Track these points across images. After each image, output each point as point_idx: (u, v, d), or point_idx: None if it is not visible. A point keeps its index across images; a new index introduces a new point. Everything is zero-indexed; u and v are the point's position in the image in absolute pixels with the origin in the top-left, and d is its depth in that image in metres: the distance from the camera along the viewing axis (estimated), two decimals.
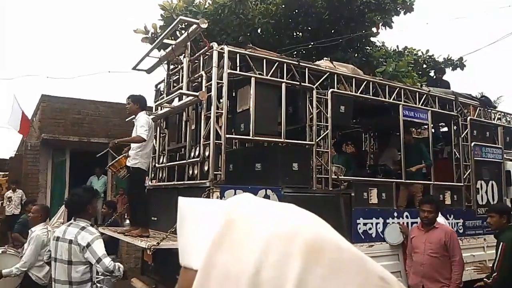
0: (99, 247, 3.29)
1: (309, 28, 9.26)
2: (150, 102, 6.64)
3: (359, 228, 5.45)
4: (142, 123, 4.87)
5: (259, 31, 8.68)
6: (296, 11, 8.88)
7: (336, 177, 5.49)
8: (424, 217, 4.27)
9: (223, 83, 4.73)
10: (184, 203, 0.53)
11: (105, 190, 10.97)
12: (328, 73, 5.63)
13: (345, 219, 5.26)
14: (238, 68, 4.91)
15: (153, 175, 6.35)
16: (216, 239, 0.44)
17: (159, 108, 6.04)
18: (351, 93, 5.77)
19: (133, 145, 4.99)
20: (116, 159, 5.26)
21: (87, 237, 3.27)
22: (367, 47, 9.74)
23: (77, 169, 10.89)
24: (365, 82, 5.94)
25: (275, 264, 0.41)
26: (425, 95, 6.65)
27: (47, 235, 4.41)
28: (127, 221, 6.35)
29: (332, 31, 9.14)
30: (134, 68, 6.31)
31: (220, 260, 0.43)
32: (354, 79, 5.87)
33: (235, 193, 4.43)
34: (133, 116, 5.22)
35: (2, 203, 10.38)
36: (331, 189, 5.38)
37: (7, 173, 11.37)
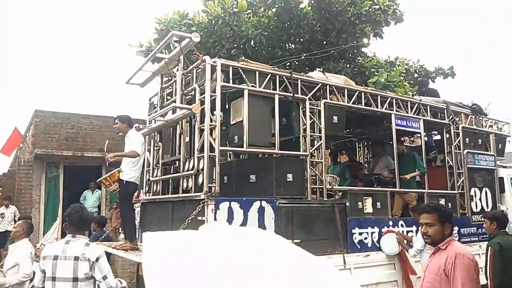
0: (106, 264, 3.29)
1: (301, 39, 9.35)
2: (144, 116, 6.68)
3: (355, 238, 5.45)
4: (134, 140, 5.01)
5: (252, 43, 8.75)
6: (288, 23, 8.98)
7: (330, 187, 5.50)
8: (423, 233, 2.99)
9: (216, 95, 4.76)
10: (149, 240, 0.55)
11: (99, 204, 10.88)
12: (320, 84, 5.68)
13: (340, 229, 5.26)
14: (231, 80, 4.95)
15: (147, 188, 6.33)
16: (188, 276, 0.47)
17: (153, 121, 6.05)
18: (343, 103, 5.82)
19: (126, 160, 5.04)
20: (110, 172, 5.26)
21: (94, 252, 3.26)
22: (358, 58, 9.84)
23: (70, 184, 10.81)
24: (357, 93, 6.01)
25: None
26: (416, 104, 6.72)
27: (32, 251, 4.42)
28: (122, 235, 6.31)
29: (324, 42, 9.24)
30: (127, 82, 6.34)
31: None
32: (346, 90, 5.93)
33: (229, 206, 4.44)
34: (121, 133, 5.32)
35: None
36: (325, 199, 5.39)
37: (0, 188, 11.25)
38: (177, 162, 5.55)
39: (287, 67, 8.36)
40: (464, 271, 2.65)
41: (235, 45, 8.43)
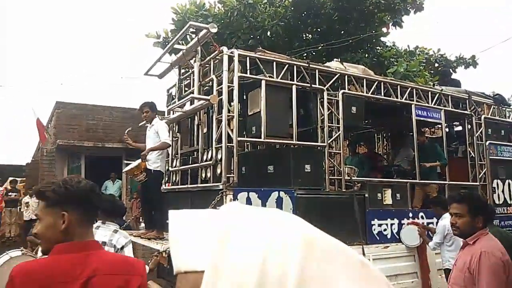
0: (131, 251, 3.35)
1: (319, 29, 9.25)
2: (162, 107, 6.74)
3: (374, 229, 5.41)
4: (164, 129, 5.04)
5: (268, 33, 8.70)
6: (305, 13, 8.88)
7: (349, 178, 5.46)
8: (451, 223, 2.75)
9: (233, 86, 4.76)
10: (175, 215, 0.56)
11: (120, 194, 11.11)
12: (338, 74, 5.62)
13: (359, 220, 5.23)
14: (248, 71, 4.94)
15: (166, 178, 6.42)
16: (219, 239, 0.48)
17: (171, 112, 6.10)
18: (362, 93, 5.75)
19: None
20: (136, 163, 5.30)
21: (122, 239, 3.31)
22: (377, 48, 9.68)
23: (92, 174, 11.05)
24: (376, 83, 5.92)
25: (279, 257, 0.46)
26: (437, 94, 6.58)
27: None
28: (142, 224, 6.42)
29: (342, 32, 9.12)
30: (146, 74, 6.40)
31: (225, 256, 0.47)
32: (365, 80, 5.85)
33: (248, 196, 4.46)
34: (145, 122, 5.34)
35: (20, 208, 10.60)
36: (344, 190, 5.36)
37: (24, 179, 11.60)
38: (195, 153, 5.60)
39: (304, 57, 8.30)
40: (489, 272, 2.36)
41: (252, 36, 8.41)
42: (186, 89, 6.03)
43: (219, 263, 0.46)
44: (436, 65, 11.02)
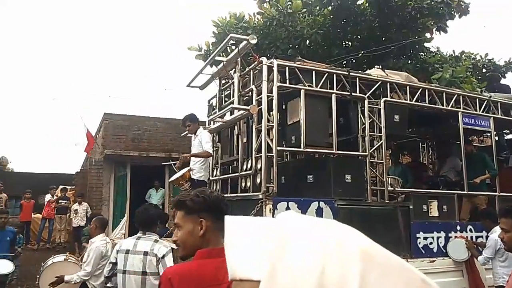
0: (171, 260, 3.43)
1: (359, 36, 9.12)
2: (203, 117, 6.90)
3: (419, 243, 5.20)
4: (207, 139, 5.16)
5: (307, 42, 8.70)
6: (345, 20, 8.81)
7: (392, 189, 5.30)
8: (500, 238, 2.74)
9: (273, 96, 4.79)
10: (232, 221, 0.56)
11: (163, 202, 11.42)
12: (380, 81, 5.50)
13: (403, 233, 5.05)
14: (287, 81, 4.96)
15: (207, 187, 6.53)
16: (275, 248, 0.48)
17: (212, 122, 6.23)
18: (405, 101, 5.59)
19: (195, 159, 5.22)
20: (181, 173, 5.45)
21: (162, 249, 3.40)
22: (421, 53, 9.39)
23: (137, 183, 11.45)
24: (420, 90, 5.74)
25: (338, 264, 0.46)
26: (486, 101, 6.27)
27: (105, 246, 4.62)
28: None
29: (383, 38, 8.93)
30: (188, 85, 6.59)
31: (282, 266, 0.46)
32: (408, 87, 5.68)
33: (287, 206, 4.44)
34: (187, 132, 5.49)
35: (69, 215, 11.15)
36: (387, 201, 5.21)
37: (74, 187, 12.21)
38: (235, 162, 5.67)
39: (344, 65, 8.20)
40: None
41: (290, 45, 8.43)
42: (226, 99, 6.14)
43: (276, 272, 0.46)
44: (484, 70, 10.51)
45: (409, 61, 8.96)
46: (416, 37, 8.86)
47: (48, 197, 11.81)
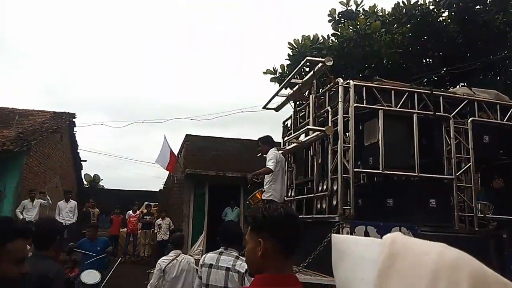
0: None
1: (441, 53, 8.68)
2: (278, 138, 7.02)
3: None
4: (270, 157, 5.24)
5: (384, 61, 8.49)
6: (425, 37, 8.46)
7: (482, 215, 4.88)
8: None
9: (349, 117, 4.74)
10: (340, 240, 0.58)
11: (238, 220, 11.67)
12: (466, 100, 5.18)
13: (496, 264, 4.59)
14: (364, 101, 4.88)
15: None
16: (382, 270, 0.50)
17: (287, 143, 6.31)
18: (496, 121, 5.17)
19: (266, 179, 5.32)
20: (252, 194, 5.64)
21: (244, 265, 3.50)
22: (511, 69, 8.64)
23: (214, 201, 11.88)
24: None
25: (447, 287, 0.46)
26: None
27: (166, 262, 4.67)
28: None
29: (468, 54, 8.40)
30: (264, 107, 6.78)
31: (390, 284, 0.48)
32: (498, 106, 5.27)
33: (366, 230, 4.30)
34: (262, 154, 5.62)
35: (154, 230, 11.87)
36: (477, 229, 4.80)
37: (158, 203, 13.02)
38: (310, 183, 5.65)
39: (425, 83, 7.84)
40: None
41: (366, 65, 8.29)
42: (301, 120, 6.20)
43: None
44: None
45: (498, 78, 8.29)
46: (505, 52, 8.20)
47: (130, 213, 12.55)
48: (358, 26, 8.10)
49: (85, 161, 16.62)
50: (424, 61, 9.16)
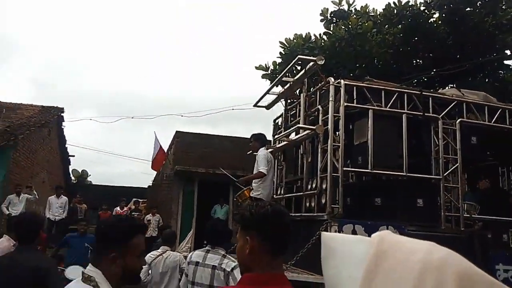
0: (238, 275, 3.50)
1: (431, 54, 8.77)
2: (269, 136, 7.01)
3: (499, 275, 4.75)
4: (261, 159, 5.24)
5: (375, 61, 8.54)
6: (416, 38, 8.53)
7: (468, 215, 4.94)
8: None
9: (339, 116, 4.76)
10: (329, 238, 0.58)
11: (226, 218, 11.66)
12: (455, 101, 5.23)
13: (481, 264, 4.65)
14: (354, 100, 4.90)
15: None
16: (369, 268, 0.50)
17: (277, 141, 6.31)
18: (483, 122, 5.24)
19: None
20: (240, 192, 5.63)
21: (230, 263, 3.50)
22: (500, 71, 8.77)
23: (203, 199, 11.85)
24: (500, 110, 5.35)
25: (433, 285, 0.46)
26: None
27: (152, 258, 4.60)
28: None
29: (457, 56, 8.50)
30: (255, 105, 6.76)
31: (378, 282, 0.48)
32: (486, 107, 5.33)
33: (353, 228, 4.33)
34: (253, 151, 5.62)
35: None
36: (463, 229, 4.86)
37: (146, 200, 12.93)
38: (299, 182, 5.67)
39: (415, 84, 7.91)
40: None
41: (358, 65, 8.33)
42: (292, 119, 6.21)
43: (372, 284, 0.48)
44: None
45: (487, 80, 8.41)
46: (495, 54, 8.31)
47: (117, 209, 12.29)
48: (350, 26, 8.14)
49: (73, 156, 16.44)
50: (414, 61, 9.24)
